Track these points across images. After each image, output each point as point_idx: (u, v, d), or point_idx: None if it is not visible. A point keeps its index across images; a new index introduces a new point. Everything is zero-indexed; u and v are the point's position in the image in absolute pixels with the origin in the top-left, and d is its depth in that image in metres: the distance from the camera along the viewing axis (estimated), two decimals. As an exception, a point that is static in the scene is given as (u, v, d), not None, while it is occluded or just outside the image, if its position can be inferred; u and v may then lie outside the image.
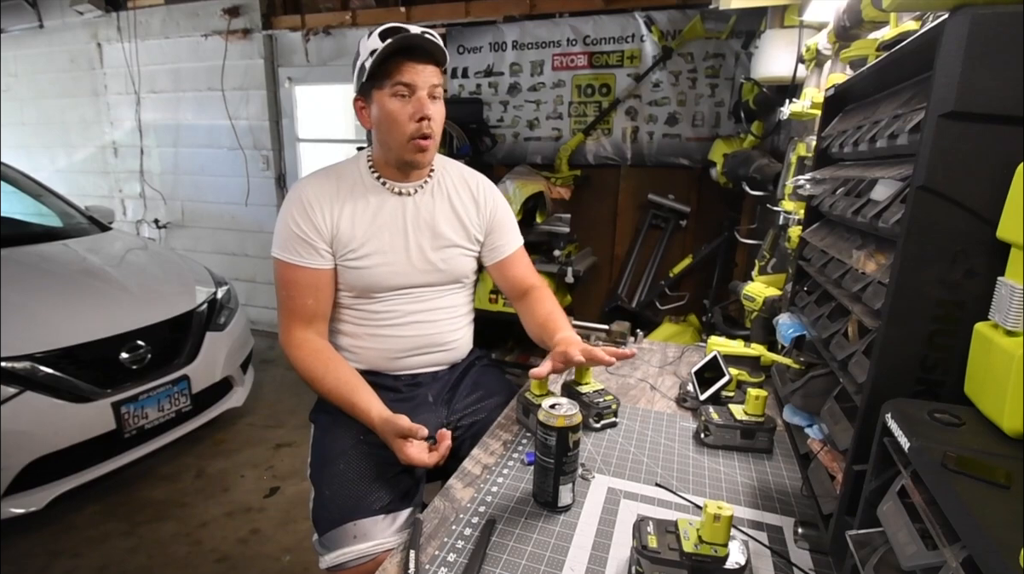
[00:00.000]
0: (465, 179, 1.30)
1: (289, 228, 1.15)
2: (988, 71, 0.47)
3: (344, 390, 1.11)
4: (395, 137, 1.13)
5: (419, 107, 1.10)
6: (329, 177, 1.20)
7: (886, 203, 0.60)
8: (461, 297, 1.32)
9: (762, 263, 1.74)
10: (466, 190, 1.29)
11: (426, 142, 1.13)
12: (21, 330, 1.96)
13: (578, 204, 3.19)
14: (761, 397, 1.02)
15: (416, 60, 1.10)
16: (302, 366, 1.15)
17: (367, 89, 1.14)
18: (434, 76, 1.12)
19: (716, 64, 2.97)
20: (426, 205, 1.23)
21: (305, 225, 1.15)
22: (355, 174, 1.21)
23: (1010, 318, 0.44)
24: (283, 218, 1.17)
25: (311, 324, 1.18)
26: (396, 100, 1.11)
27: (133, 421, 2.13)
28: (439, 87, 1.13)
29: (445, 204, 1.25)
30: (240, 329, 2.74)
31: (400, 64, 1.09)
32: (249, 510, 2.26)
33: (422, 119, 1.10)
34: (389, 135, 1.14)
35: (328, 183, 1.19)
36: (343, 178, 1.20)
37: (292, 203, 1.17)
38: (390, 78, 1.09)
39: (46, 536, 2.08)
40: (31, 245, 2.56)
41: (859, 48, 1.04)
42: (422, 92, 1.10)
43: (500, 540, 0.79)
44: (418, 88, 1.10)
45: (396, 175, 1.21)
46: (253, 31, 3.78)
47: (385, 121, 1.13)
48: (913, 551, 0.42)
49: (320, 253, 1.16)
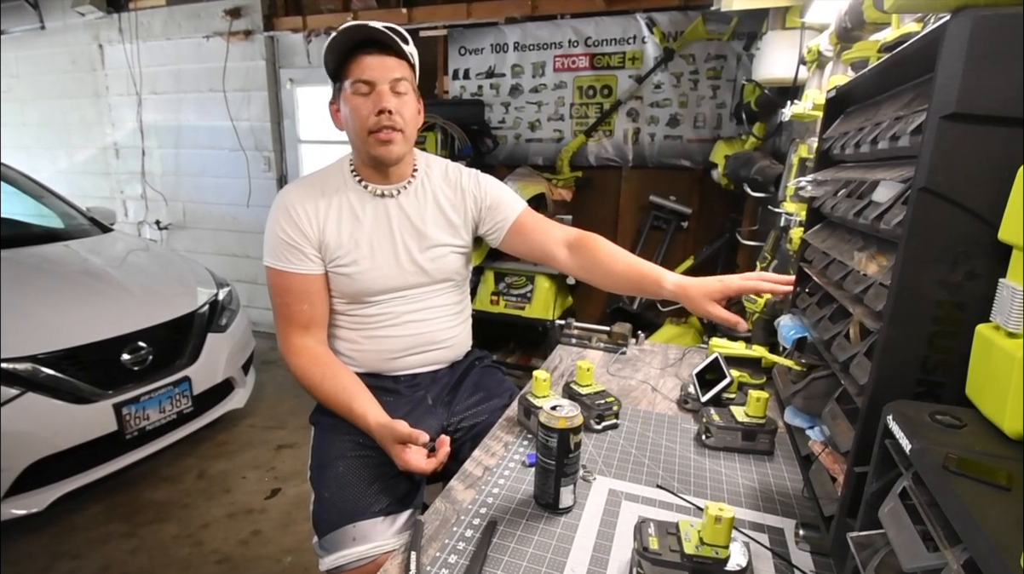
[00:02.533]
0: (447, 174, 1.28)
1: (277, 235, 1.15)
2: (990, 73, 0.47)
3: (342, 397, 1.11)
4: (357, 133, 1.13)
5: (378, 101, 1.09)
6: (313, 183, 1.20)
7: (888, 205, 0.60)
8: (454, 295, 1.31)
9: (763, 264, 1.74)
10: (449, 184, 1.27)
11: (388, 134, 1.11)
12: (22, 331, 1.96)
13: (579, 205, 3.20)
14: (762, 399, 1.02)
15: (373, 54, 1.10)
16: (301, 373, 1.15)
17: (336, 91, 1.15)
18: (396, 69, 1.11)
19: (718, 65, 2.98)
20: (410, 206, 1.22)
21: (292, 231, 1.14)
22: (338, 178, 1.21)
23: (1011, 320, 0.44)
24: (270, 226, 1.16)
25: (308, 330, 1.17)
26: (357, 97, 1.11)
27: (134, 422, 2.13)
28: (403, 80, 1.12)
29: (431, 203, 1.24)
30: (241, 330, 2.74)
31: (358, 60, 1.10)
32: (250, 511, 2.26)
33: (380, 112, 1.10)
34: (353, 132, 1.14)
35: (312, 189, 1.18)
36: (327, 183, 1.19)
37: (278, 210, 1.16)
38: (350, 76, 1.10)
39: (47, 537, 2.08)
40: (32, 246, 2.57)
41: (861, 50, 1.04)
42: (383, 86, 1.10)
43: (501, 542, 0.79)
44: (378, 83, 1.10)
45: (375, 176, 1.20)
46: (254, 32, 3.79)
47: (348, 119, 1.13)
48: (914, 553, 0.42)
49: (310, 258, 1.15)
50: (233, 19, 3.79)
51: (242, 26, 3.80)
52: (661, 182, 3.17)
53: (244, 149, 4.01)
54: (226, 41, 3.85)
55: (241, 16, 3.78)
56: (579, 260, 1.23)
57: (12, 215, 2.97)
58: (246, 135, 3.99)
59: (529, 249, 1.28)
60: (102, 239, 2.92)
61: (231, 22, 3.80)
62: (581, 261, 1.23)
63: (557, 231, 1.27)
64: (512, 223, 1.28)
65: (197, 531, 2.13)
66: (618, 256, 1.19)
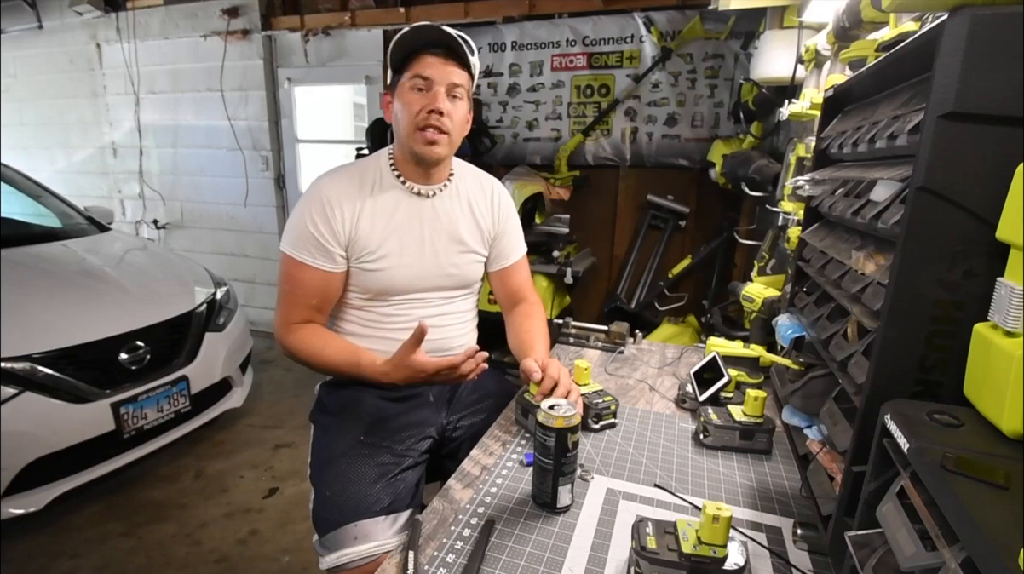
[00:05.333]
0: (481, 183, 1.30)
1: (306, 227, 1.12)
2: (987, 72, 0.47)
3: (347, 354, 1.14)
4: (404, 126, 1.13)
5: (432, 100, 1.10)
6: (352, 176, 1.18)
7: (885, 204, 0.60)
8: (468, 302, 1.32)
9: (761, 264, 1.74)
10: (482, 194, 1.28)
11: (434, 135, 1.11)
12: (20, 331, 1.96)
13: (577, 205, 3.20)
14: (760, 398, 1.02)
15: (438, 56, 1.11)
16: (302, 345, 1.15)
17: (393, 83, 1.16)
18: (455, 75, 1.12)
19: (715, 65, 2.98)
20: (445, 209, 1.22)
21: (324, 227, 1.12)
22: (376, 171, 1.19)
23: (1009, 319, 0.44)
24: (300, 215, 1.14)
25: (310, 318, 1.18)
26: (413, 92, 1.11)
27: (132, 422, 2.13)
28: (460, 87, 1.13)
29: (466, 208, 1.25)
30: (239, 330, 2.74)
31: (422, 58, 1.11)
32: (248, 511, 2.26)
33: (432, 111, 1.10)
34: (399, 125, 1.14)
35: (350, 183, 1.16)
36: (364, 176, 1.18)
37: (312, 201, 1.13)
38: (410, 70, 1.11)
39: (45, 537, 2.07)
40: (30, 246, 2.56)
41: (858, 49, 1.04)
42: (439, 87, 1.10)
43: (499, 541, 0.79)
44: (436, 83, 1.10)
45: (415, 173, 1.19)
46: (252, 32, 3.78)
47: (399, 111, 1.13)
48: (912, 552, 0.42)
49: (334, 258, 1.14)
50: (231, 18, 3.78)
51: (240, 25, 3.79)
52: (659, 181, 3.17)
53: (242, 148, 4.00)
54: (224, 40, 3.84)
55: (239, 15, 3.77)
56: (509, 316, 1.36)
57: (10, 214, 2.96)
58: (244, 134, 3.98)
59: (504, 291, 1.37)
60: (100, 238, 2.91)
61: (229, 21, 3.79)
62: (509, 317, 1.36)
63: (528, 290, 1.38)
64: (511, 263, 1.34)
65: (195, 530, 2.13)
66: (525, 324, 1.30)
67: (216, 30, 3.85)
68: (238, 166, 4.06)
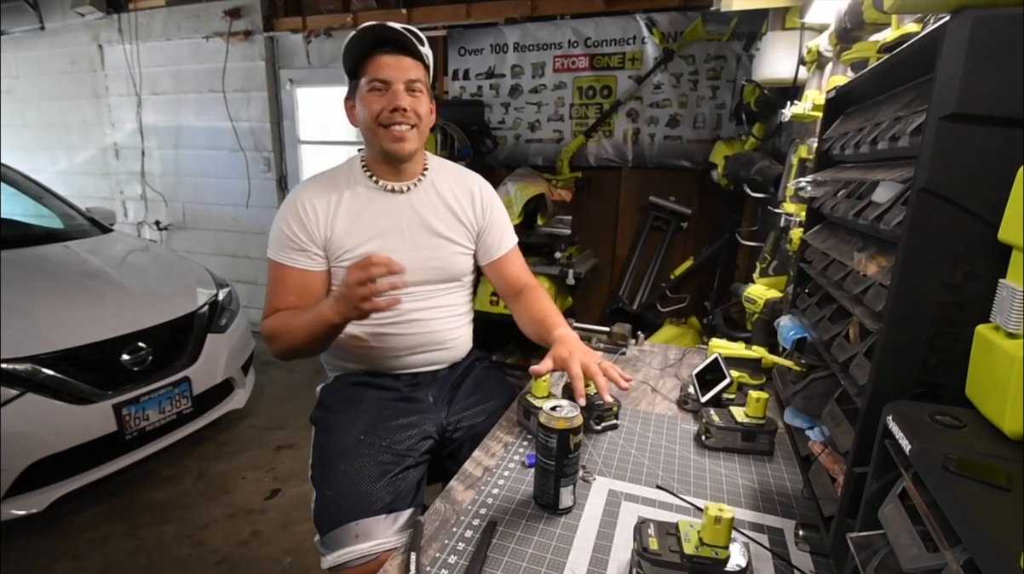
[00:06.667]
0: (460, 178, 1.33)
1: (282, 231, 1.19)
2: (989, 73, 0.47)
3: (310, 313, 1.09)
4: (371, 128, 1.17)
5: (392, 99, 1.14)
6: (326, 181, 1.24)
7: (887, 205, 0.60)
8: (459, 296, 1.34)
9: (763, 265, 1.74)
10: (462, 188, 1.31)
11: (401, 131, 1.15)
12: (22, 332, 1.96)
13: (579, 206, 3.19)
14: (762, 399, 1.02)
15: (390, 53, 1.14)
16: (274, 323, 1.16)
17: (352, 89, 1.20)
18: (411, 70, 1.16)
19: (717, 66, 2.97)
20: (421, 203, 1.25)
21: (299, 229, 1.19)
22: (348, 174, 1.25)
23: (1011, 320, 0.44)
24: (278, 221, 1.21)
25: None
26: (373, 95, 1.15)
27: (134, 423, 2.13)
28: (418, 81, 1.17)
29: (440, 202, 1.28)
30: (241, 331, 2.74)
31: (375, 59, 1.14)
32: (250, 512, 2.26)
33: (395, 110, 1.14)
34: (367, 128, 1.18)
35: (324, 187, 1.22)
36: (338, 180, 1.24)
37: (287, 208, 1.21)
38: (367, 75, 1.15)
39: (47, 538, 2.08)
40: (32, 247, 2.56)
41: (860, 50, 1.04)
42: (398, 86, 1.14)
43: (501, 542, 0.78)
44: (393, 82, 1.14)
45: (387, 172, 1.24)
46: (254, 33, 3.79)
47: (362, 115, 1.17)
48: (914, 553, 0.42)
49: (310, 256, 1.20)
50: (233, 20, 3.79)
51: (242, 27, 3.80)
52: (661, 183, 3.17)
53: (244, 150, 4.01)
54: (226, 42, 3.85)
55: (241, 17, 3.78)
56: (515, 305, 1.33)
57: (12, 216, 2.97)
58: (246, 136, 3.99)
59: (501, 282, 1.36)
60: (102, 240, 2.92)
61: (231, 23, 3.80)
62: (515, 306, 1.32)
63: (526, 276, 1.36)
64: (503, 254, 1.34)
65: (197, 532, 2.13)
66: (534, 307, 1.26)
67: (218, 31, 3.86)
68: (240, 167, 4.06)
